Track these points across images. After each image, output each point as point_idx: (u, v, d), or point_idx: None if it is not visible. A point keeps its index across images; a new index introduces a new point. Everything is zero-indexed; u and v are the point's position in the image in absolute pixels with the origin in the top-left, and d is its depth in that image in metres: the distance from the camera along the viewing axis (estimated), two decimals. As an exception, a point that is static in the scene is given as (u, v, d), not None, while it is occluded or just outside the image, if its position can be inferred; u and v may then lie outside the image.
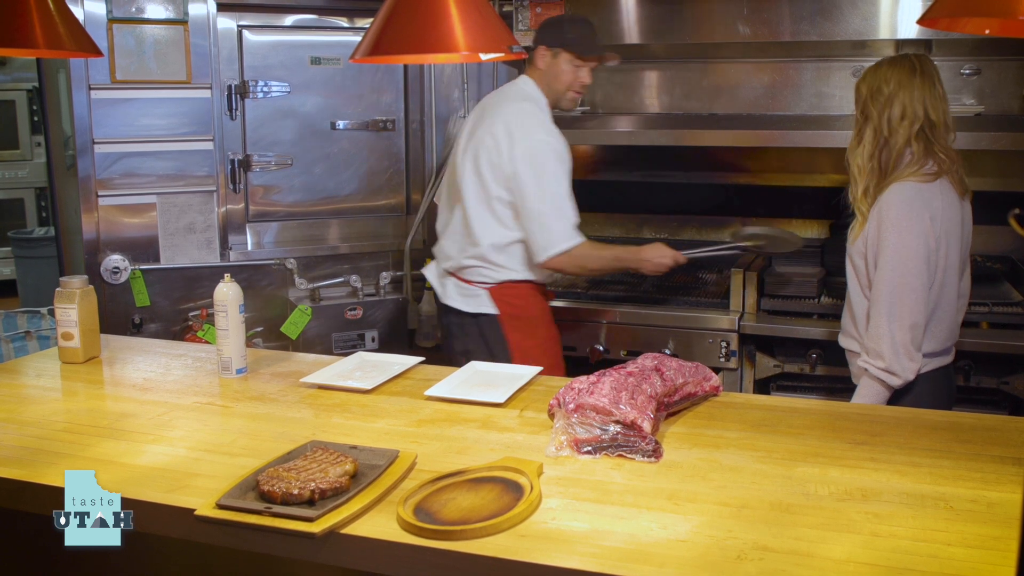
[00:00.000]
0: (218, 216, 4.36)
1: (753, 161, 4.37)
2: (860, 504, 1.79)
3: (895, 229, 2.66)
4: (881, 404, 2.68)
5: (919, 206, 2.67)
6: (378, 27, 1.91)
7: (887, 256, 2.66)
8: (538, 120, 3.37)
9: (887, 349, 2.66)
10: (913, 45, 3.92)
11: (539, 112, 3.40)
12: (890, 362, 2.66)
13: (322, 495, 1.78)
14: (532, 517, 1.75)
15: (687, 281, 4.06)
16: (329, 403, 2.45)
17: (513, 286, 3.42)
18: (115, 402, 2.51)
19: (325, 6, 4.47)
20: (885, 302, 2.66)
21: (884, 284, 2.67)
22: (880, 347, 2.67)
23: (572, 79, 3.45)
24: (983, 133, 3.61)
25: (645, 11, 4.18)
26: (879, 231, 2.69)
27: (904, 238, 2.65)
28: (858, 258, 2.77)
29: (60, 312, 2.80)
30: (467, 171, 3.40)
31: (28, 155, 8.22)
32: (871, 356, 2.70)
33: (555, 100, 3.48)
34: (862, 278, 2.78)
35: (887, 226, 2.67)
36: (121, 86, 4.12)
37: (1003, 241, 3.99)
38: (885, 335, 2.66)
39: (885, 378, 2.68)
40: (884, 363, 2.67)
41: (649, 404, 2.11)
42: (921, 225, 2.65)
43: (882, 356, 2.67)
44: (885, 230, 2.67)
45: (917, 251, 2.65)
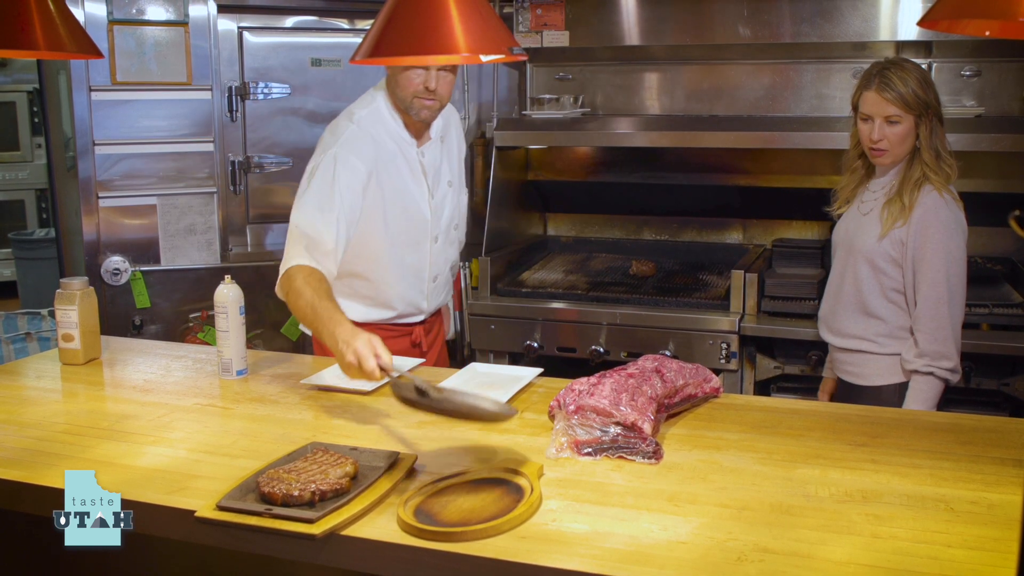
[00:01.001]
0: (218, 217, 4.36)
1: (753, 162, 4.37)
2: (860, 506, 1.79)
3: (945, 231, 2.72)
4: (935, 406, 2.75)
5: (956, 209, 2.76)
6: (378, 29, 1.90)
7: (941, 259, 2.71)
8: (335, 136, 2.86)
9: (954, 349, 2.73)
10: (913, 47, 3.93)
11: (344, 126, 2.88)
12: (956, 362, 2.74)
13: (322, 497, 1.78)
14: (532, 519, 1.75)
15: (687, 282, 4.06)
16: (329, 404, 2.45)
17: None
18: (115, 403, 2.51)
19: (325, 8, 4.47)
20: (945, 304, 2.72)
21: (942, 286, 2.72)
22: (948, 349, 2.73)
23: (404, 88, 2.79)
24: (983, 135, 3.61)
25: (646, 13, 4.19)
26: (922, 236, 2.72)
27: (954, 239, 2.73)
28: (885, 262, 2.79)
29: (60, 313, 2.80)
30: None
31: (28, 156, 8.22)
32: (935, 358, 2.73)
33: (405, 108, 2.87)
34: (889, 282, 2.80)
35: (937, 230, 2.72)
36: (121, 87, 4.12)
37: (1003, 242, 4.00)
38: (951, 337, 2.73)
39: (950, 377, 2.75)
40: (952, 363, 2.73)
41: (649, 406, 2.11)
42: (962, 227, 2.76)
43: (949, 357, 2.73)
44: (935, 234, 2.72)
45: (963, 252, 2.75)
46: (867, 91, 2.77)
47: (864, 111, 2.79)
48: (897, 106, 2.72)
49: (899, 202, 2.76)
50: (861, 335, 2.87)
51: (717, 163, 4.43)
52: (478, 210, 4.63)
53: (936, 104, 2.77)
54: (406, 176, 2.89)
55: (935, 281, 2.71)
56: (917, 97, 2.72)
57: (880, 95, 2.73)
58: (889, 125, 2.74)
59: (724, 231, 4.56)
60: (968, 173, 2.83)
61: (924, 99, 2.73)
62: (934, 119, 2.76)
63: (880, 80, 2.74)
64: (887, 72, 2.74)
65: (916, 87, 2.72)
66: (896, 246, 2.76)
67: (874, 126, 2.76)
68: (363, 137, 2.80)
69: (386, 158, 2.83)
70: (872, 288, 2.82)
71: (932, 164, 2.75)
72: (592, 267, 4.38)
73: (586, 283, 4.07)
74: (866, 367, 2.88)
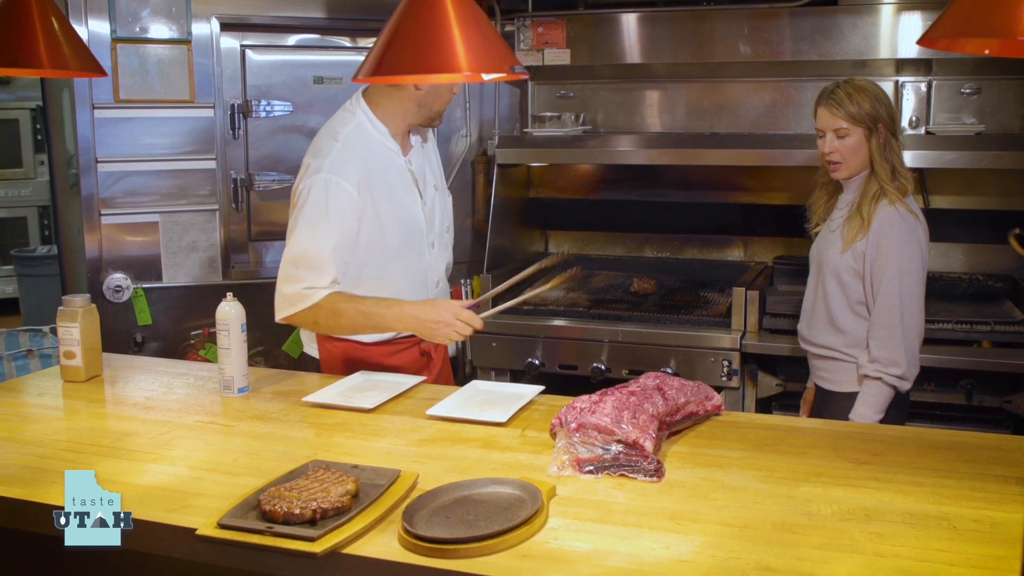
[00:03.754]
0: (220, 235, 4.37)
1: (754, 180, 4.38)
2: (863, 524, 1.79)
3: (898, 243, 2.80)
4: (883, 410, 2.81)
5: (913, 222, 2.83)
6: (381, 47, 1.91)
7: (894, 269, 2.79)
8: (320, 157, 2.84)
9: (903, 357, 2.80)
10: (913, 65, 3.94)
11: (328, 145, 2.88)
12: (906, 369, 2.81)
13: (323, 515, 1.78)
14: (534, 537, 1.75)
15: (689, 300, 4.06)
16: (331, 422, 2.45)
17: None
18: (117, 421, 2.51)
19: (327, 26, 4.49)
20: (897, 313, 2.79)
21: (894, 296, 2.79)
22: (897, 356, 2.80)
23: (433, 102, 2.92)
24: (984, 152, 3.62)
25: (646, 31, 4.20)
26: (878, 248, 2.81)
27: (907, 250, 2.80)
28: (848, 275, 2.88)
29: (62, 330, 2.80)
30: None
31: (31, 173, 8.25)
32: (885, 364, 2.80)
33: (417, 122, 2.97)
34: (852, 294, 2.89)
35: (891, 241, 2.80)
36: (124, 105, 4.14)
37: (1004, 260, 4.00)
38: (901, 344, 2.80)
39: (898, 384, 2.82)
40: (900, 370, 2.80)
41: (651, 423, 2.11)
42: (918, 238, 2.83)
43: (898, 364, 2.80)
44: (888, 245, 2.80)
45: (917, 263, 2.82)
46: (819, 107, 2.93)
47: (818, 126, 2.94)
48: (845, 120, 2.85)
49: (859, 216, 2.86)
50: (831, 346, 2.96)
51: (718, 180, 4.44)
52: (479, 227, 4.64)
53: (889, 119, 2.87)
54: (397, 187, 2.89)
55: (888, 291, 2.80)
56: (863, 111, 2.83)
57: (829, 110, 2.88)
58: (839, 139, 2.87)
59: (725, 248, 4.56)
60: (968, 191, 2.85)
61: (872, 113, 2.83)
62: (887, 134, 2.85)
63: (830, 97, 2.88)
64: (837, 89, 2.88)
65: (864, 102, 2.84)
66: (858, 259, 2.86)
67: (826, 140, 2.90)
68: (350, 155, 2.79)
69: (376, 173, 2.83)
70: (839, 302, 2.91)
71: (886, 178, 2.85)
72: (593, 284, 4.38)
73: (587, 300, 4.07)
74: (838, 373, 2.96)
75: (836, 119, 2.86)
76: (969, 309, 3.71)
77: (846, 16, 3.90)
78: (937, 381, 3.45)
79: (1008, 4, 1.48)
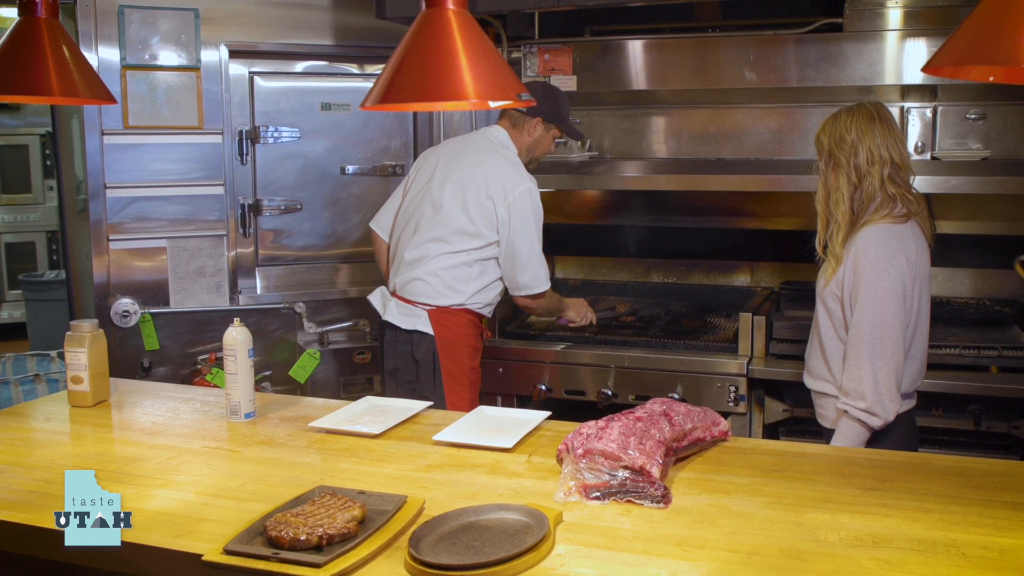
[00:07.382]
0: (228, 260, 4.39)
1: (761, 206, 4.38)
2: (871, 550, 1.78)
3: (873, 271, 2.68)
4: (860, 446, 2.68)
5: (895, 248, 2.70)
6: (388, 76, 1.93)
7: (866, 297, 2.68)
8: (524, 170, 3.58)
9: (869, 390, 2.66)
10: (919, 91, 3.95)
11: (520, 163, 3.61)
12: (871, 403, 2.66)
13: (330, 541, 1.78)
14: (541, 563, 1.74)
15: (695, 325, 4.06)
16: (337, 448, 2.45)
17: (452, 312, 3.51)
18: (123, 446, 2.51)
19: (335, 53, 4.52)
20: (866, 343, 2.67)
21: (864, 325, 2.68)
22: (862, 388, 2.67)
23: (545, 151, 3.76)
24: (989, 178, 3.62)
25: (653, 57, 4.22)
26: (855, 274, 2.71)
27: (882, 279, 2.67)
28: (832, 302, 2.79)
29: (70, 355, 2.81)
30: (453, 206, 3.48)
31: (40, 199, 8.29)
32: (852, 397, 2.69)
33: (524, 162, 3.65)
34: (836, 321, 2.79)
35: (865, 268, 2.69)
36: (133, 131, 4.16)
37: (1011, 285, 3.99)
38: (867, 376, 2.66)
39: (866, 419, 2.67)
40: (866, 404, 2.66)
41: (658, 449, 2.10)
42: (898, 266, 2.68)
43: (864, 397, 2.66)
44: (863, 272, 2.69)
45: (895, 292, 2.67)
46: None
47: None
48: (817, 149, 2.87)
49: (833, 256, 2.80)
50: (822, 376, 2.87)
51: (724, 206, 4.44)
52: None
53: (850, 152, 2.76)
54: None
55: (859, 320, 2.69)
56: (820, 141, 2.84)
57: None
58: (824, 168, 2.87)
59: (732, 274, 4.56)
60: (974, 216, 2.84)
61: (827, 147, 2.81)
62: (849, 168, 2.76)
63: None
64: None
65: (822, 131, 2.84)
66: (839, 284, 2.77)
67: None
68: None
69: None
70: (827, 329, 2.83)
71: (841, 212, 2.77)
72: (600, 310, 4.38)
73: (594, 326, 4.06)
74: (827, 409, 2.87)
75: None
76: (976, 334, 3.70)
77: (851, 42, 3.91)
78: (945, 407, 3.44)
79: (1012, 32, 1.49)
